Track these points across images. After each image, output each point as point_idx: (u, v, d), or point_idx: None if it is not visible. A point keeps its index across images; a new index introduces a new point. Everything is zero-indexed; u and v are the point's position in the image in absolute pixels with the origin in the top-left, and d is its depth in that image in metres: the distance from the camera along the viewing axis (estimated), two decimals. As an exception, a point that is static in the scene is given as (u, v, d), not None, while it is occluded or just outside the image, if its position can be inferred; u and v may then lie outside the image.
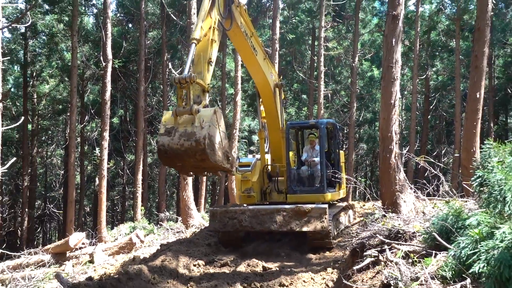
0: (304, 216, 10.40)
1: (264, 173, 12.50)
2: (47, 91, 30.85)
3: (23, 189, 28.80)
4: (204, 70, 8.43)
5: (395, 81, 10.29)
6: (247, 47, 10.65)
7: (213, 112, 7.66)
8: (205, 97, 8.27)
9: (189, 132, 7.43)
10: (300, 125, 13.53)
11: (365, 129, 36.82)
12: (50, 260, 15.55)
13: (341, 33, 31.05)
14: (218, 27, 9.03)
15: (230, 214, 11.03)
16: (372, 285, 6.37)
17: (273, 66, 12.21)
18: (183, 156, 7.56)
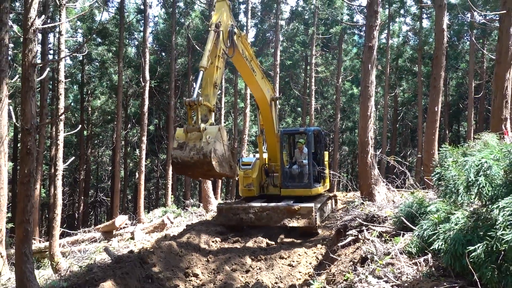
0: (295, 214, 10.07)
1: (262, 171, 12.18)
2: (99, 105, 30.97)
3: (80, 181, 28.90)
4: (210, 93, 8.06)
5: (371, 97, 10.28)
6: (248, 69, 10.15)
7: (217, 130, 7.39)
8: (211, 116, 7.96)
9: (197, 147, 7.20)
10: (292, 132, 13.12)
11: (347, 135, 36.68)
12: (100, 237, 15.56)
13: (328, 60, 31.01)
14: (222, 55, 8.63)
15: (233, 210, 10.63)
16: (353, 258, 6.32)
17: (270, 83, 11.77)
18: (192, 167, 7.33)
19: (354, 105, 32.98)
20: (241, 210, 10.54)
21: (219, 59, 8.39)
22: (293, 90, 30.48)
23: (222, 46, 8.51)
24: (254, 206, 10.49)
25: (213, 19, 8.74)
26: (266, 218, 10.25)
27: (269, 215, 10.23)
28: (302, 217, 10.02)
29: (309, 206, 10.05)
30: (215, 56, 8.29)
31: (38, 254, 14.20)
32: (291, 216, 10.08)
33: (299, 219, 10.06)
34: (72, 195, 32.93)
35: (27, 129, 8.97)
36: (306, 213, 9.98)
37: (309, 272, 8.30)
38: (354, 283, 4.72)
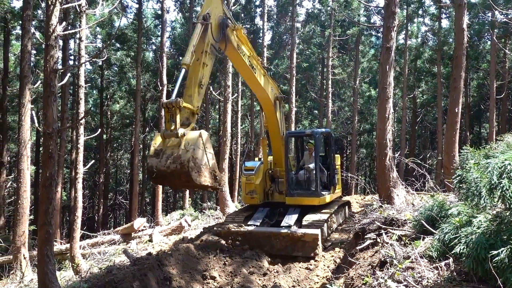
0: (298, 241, 9.01)
1: (266, 176, 11.19)
2: (117, 109, 31.50)
3: (99, 184, 29.37)
4: (194, 93, 7.27)
5: (389, 99, 10.16)
6: (245, 67, 9.13)
7: (198, 135, 6.59)
8: (194, 119, 7.18)
9: (175, 155, 6.42)
10: (298, 134, 12.10)
11: (365, 137, 36.31)
12: (119, 239, 15.77)
13: (345, 62, 30.80)
14: (211, 51, 7.70)
15: (232, 235, 9.57)
16: (372, 262, 6.25)
17: (274, 81, 10.85)
18: (169, 177, 6.57)
19: (371, 107, 32.63)
20: (240, 236, 9.46)
21: (206, 55, 7.54)
22: (309, 93, 30.37)
23: (210, 41, 7.62)
24: (254, 231, 9.49)
25: (201, 10, 7.89)
26: (268, 245, 9.27)
27: (270, 242, 9.29)
28: (307, 245, 8.98)
29: (315, 233, 8.97)
30: (201, 52, 7.47)
31: (60, 256, 14.47)
32: (295, 243, 9.08)
33: (304, 247, 9.01)
34: (92, 198, 33.48)
35: (49, 133, 9.17)
36: (311, 241, 8.93)
37: (327, 276, 8.23)
38: (373, 287, 4.66)
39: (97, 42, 28.22)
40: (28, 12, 12.78)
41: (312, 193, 10.29)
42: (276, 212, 10.55)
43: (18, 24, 21.71)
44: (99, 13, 22.78)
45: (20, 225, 13.39)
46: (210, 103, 27.06)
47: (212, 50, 7.81)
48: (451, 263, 4.48)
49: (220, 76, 28.12)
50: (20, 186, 13.52)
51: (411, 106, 31.26)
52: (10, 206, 25.70)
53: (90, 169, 24.35)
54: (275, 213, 10.56)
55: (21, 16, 17.28)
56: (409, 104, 30.36)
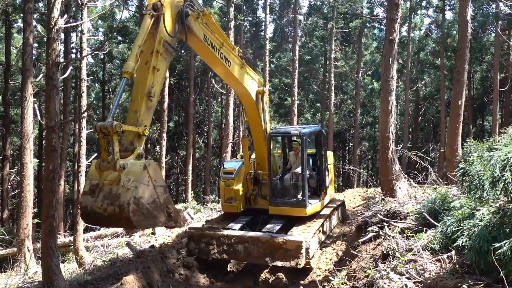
0: (279, 249, 7.68)
1: (248, 179, 9.66)
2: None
3: (102, 177, 29.44)
4: (141, 108, 5.67)
5: (392, 92, 10.13)
6: (215, 59, 7.63)
7: (142, 168, 5.19)
8: (141, 142, 5.68)
9: (113, 193, 5.06)
10: (282, 134, 10.24)
11: (367, 130, 36.23)
12: (122, 232, 15.83)
13: (348, 54, 30.65)
14: (165, 50, 6.13)
15: (206, 238, 8.29)
16: (374, 255, 6.27)
17: (255, 72, 9.23)
18: (108, 222, 5.38)
19: (374, 100, 32.53)
20: (215, 239, 8.19)
21: (158, 56, 5.95)
22: (312, 85, 30.28)
23: (163, 37, 6.01)
24: (230, 235, 8.14)
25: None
26: (244, 252, 7.90)
27: (247, 248, 7.90)
28: (289, 254, 7.63)
29: (298, 240, 7.67)
30: (151, 53, 5.89)
31: (63, 248, 14.57)
32: (275, 251, 7.73)
33: (285, 256, 7.66)
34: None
35: (52, 126, 9.20)
36: (294, 249, 7.58)
37: (329, 269, 8.26)
38: (375, 279, 4.68)
39: (99, 35, 28.19)
40: (30, 5, 12.74)
41: (298, 202, 8.84)
42: (259, 220, 9.30)
43: (19, 17, 21.67)
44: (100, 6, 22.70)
45: (24, 218, 13.48)
46: (212, 96, 27.04)
47: (167, 48, 6.17)
48: (453, 255, 4.49)
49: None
50: (24, 179, 13.59)
51: (414, 99, 31.14)
52: (14, 199, 25.85)
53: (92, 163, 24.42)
54: (258, 221, 9.30)
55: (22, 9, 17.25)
56: (412, 97, 30.26)
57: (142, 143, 5.73)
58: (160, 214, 5.38)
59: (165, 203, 5.45)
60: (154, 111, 6.48)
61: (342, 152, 38.12)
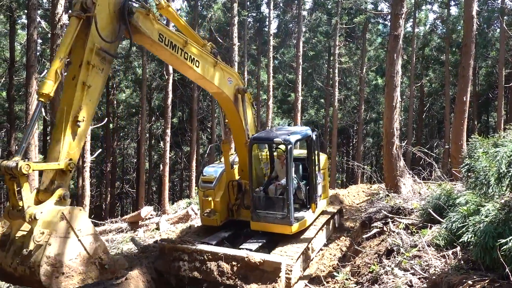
0: (255, 270, 6.64)
1: (230, 188, 8.60)
2: (124, 98, 31.55)
3: (106, 173, 29.60)
4: (65, 137, 4.59)
5: (396, 87, 10.08)
6: (178, 61, 6.42)
7: (59, 218, 4.19)
8: (65, 181, 4.64)
9: (24, 252, 4.07)
10: (264, 141, 8.74)
11: (371, 126, 36.12)
12: (126, 227, 15.91)
13: (352, 50, 30.53)
14: (100, 60, 4.91)
15: (177, 252, 7.21)
16: (379, 250, 6.26)
17: (232, 69, 8.15)
18: (20, 283, 4.46)
19: (378, 95, 32.41)
20: (187, 254, 7.13)
21: (88, 68, 4.76)
22: (316, 81, 30.20)
23: (96, 43, 4.82)
24: (203, 250, 7.06)
25: None
26: (216, 271, 6.84)
27: (220, 267, 6.86)
28: (266, 276, 6.59)
29: (277, 262, 6.63)
30: (79, 65, 4.73)
31: (68, 244, 14.66)
32: (250, 272, 6.68)
33: (262, 278, 6.59)
34: (99, 187, 33.77)
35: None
36: (272, 271, 6.55)
37: (333, 264, 8.27)
38: (379, 275, 4.68)
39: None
40: (34, 1, 12.76)
41: (283, 219, 7.79)
42: (241, 234, 8.41)
43: (23, 13, 21.71)
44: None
45: (29, 213, 13.56)
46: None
47: (103, 57, 4.98)
48: (458, 251, 4.49)
49: (226, 65, 27.99)
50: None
51: (419, 94, 31.02)
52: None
53: (97, 158, 24.53)
54: (241, 236, 8.39)
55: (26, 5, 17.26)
56: (416, 92, 30.13)
57: (68, 182, 4.68)
58: (89, 268, 4.43)
59: (96, 254, 4.49)
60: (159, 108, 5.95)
61: (346, 148, 38.07)
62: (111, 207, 29.81)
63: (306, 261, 7.99)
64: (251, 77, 30.24)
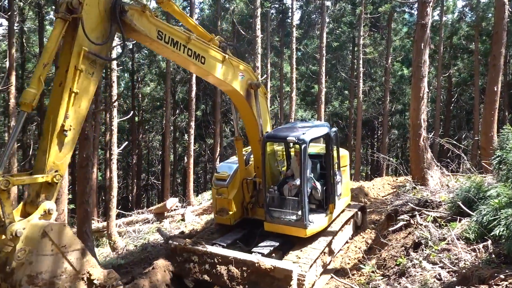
0: (266, 276, 6.39)
1: (245, 186, 8.27)
2: (148, 91, 32.03)
3: (132, 165, 30.22)
4: (52, 148, 4.35)
5: (423, 78, 9.89)
6: (181, 58, 5.96)
7: (40, 236, 3.99)
8: (51, 194, 4.39)
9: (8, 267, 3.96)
10: (278, 139, 8.16)
11: (396, 118, 35.45)
12: (152, 218, 16.25)
13: (377, 40, 29.93)
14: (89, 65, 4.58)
15: (188, 254, 7.07)
16: (405, 243, 6.18)
17: (243, 63, 7.52)
18: None
19: (404, 86, 31.74)
20: (197, 256, 6.98)
21: (75, 74, 4.43)
22: (340, 73, 29.80)
23: (84, 47, 4.47)
24: (213, 253, 6.87)
25: None
26: (226, 275, 6.66)
27: (230, 271, 6.66)
28: (276, 284, 6.32)
29: (288, 269, 6.27)
30: (66, 70, 4.42)
31: (97, 233, 15.10)
32: (261, 278, 6.42)
33: (272, 286, 6.35)
34: (126, 179, 34.50)
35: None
36: (283, 279, 6.24)
37: (358, 257, 8.22)
38: (407, 268, 4.62)
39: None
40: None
41: (297, 221, 7.36)
42: (256, 233, 7.99)
43: (51, 10, 22.24)
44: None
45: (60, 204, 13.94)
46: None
47: (94, 60, 4.63)
48: (489, 245, 4.38)
49: (249, 58, 27.99)
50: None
51: (446, 85, 30.21)
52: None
53: (123, 151, 25.04)
54: (255, 235, 7.98)
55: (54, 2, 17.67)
56: (444, 83, 29.34)
57: (54, 194, 4.41)
58: (77, 284, 4.28)
59: (84, 270, 4.32)
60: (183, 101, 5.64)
61: (370, 140, 37.54)
62: (137, 199, 30.45)
63: (323, 265, 7.55)
64: (274, 69, 30.13)
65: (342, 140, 33.90)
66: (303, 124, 8.48)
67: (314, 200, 7.86)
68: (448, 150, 12.11)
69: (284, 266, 6.32)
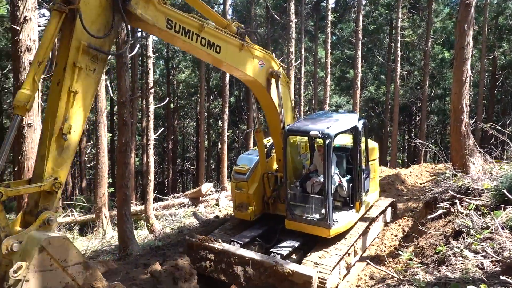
0: (284, 281, 6.07)
1: (265, 180, 7.82)
2: (183, 78, 32.46)
3: (168, 151, 30.90)
4: (51, 153, 4.01)
5: (467, 60, 9.49)
6: (193, 48, 5.55)
7: (37, 251, 3.68)
8: (51, 203, 4.09)
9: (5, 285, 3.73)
10: (300, 133, 7.55)
11: (436, 103, 34.20)
12: (188, 202, 16.61)
13: (416, 22, 28.81)
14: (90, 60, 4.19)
15: (205, 251, 6.84)
16: (445, 232, 6.01)
17: (264, 50, 6.95)
18: None
19: (445, 70, 30.48)
20: (213, 254, 6.76)
21: (74, 71, 4.05)
22: (376, 57, 29.00)
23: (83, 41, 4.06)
24: (230, 252, 6.61)
25: None
26: (243, 277, 6.40)
27: (247, 272, 6.38)
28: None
29: (307, 275, 5.96)
30: (63, 67, 4.05)
31: (135, 216, 15.64)
32: (279, 282, 6.13)
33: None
34: (162, 164, 35.35)
35: (123, 102, 9.73)
36: (302, 284, 5.94)
37: (394, 245, 8.08)
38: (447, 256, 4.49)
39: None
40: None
41: (320, 220, 6.91)
42: (277, 229, 7.61)
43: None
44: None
45: (100, 187, 14.59)
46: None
47: (94, 56, 4.23)
48: (537, 235, 4.18)
49: (283, 42, 27.70)
50: (99, 151, 14.62)
51: (490, 68, 28.76)
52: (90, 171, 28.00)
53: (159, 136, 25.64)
54: (276, 232, 7.62)
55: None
56: (488, 66, 27.94)
57: (55, 203, 4.11)
58: None
59: (88, 284, 4.11)
60: (217, 87, 5.22)
61: (408, 126, 36.51)
62: (173, 183, 31.19)
63: (347, 267, 7.13)
64: (308, 54, 29.69)
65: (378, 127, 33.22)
66: (331, 115, 7.93)
67: (339, 198, 7.45)
68: (492, 136, 11.58)
69: (303, 271, 5.98)
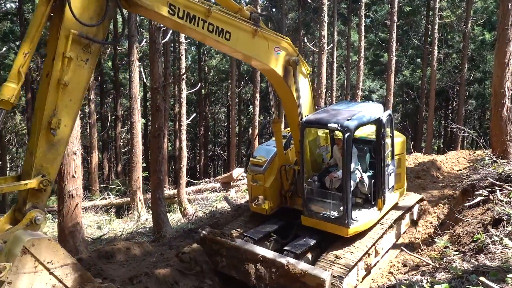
0: (296, 282, 5.80)
1: (283, 173, 7.40)
2: (214, 64, 32.62)
3: (200, 136, 31.33)
4: (40, 148, 3.84)
5: (510, 42, 9.02)
6: (200, 35, 5.14)
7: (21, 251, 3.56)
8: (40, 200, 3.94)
9: None
10: (317, 125, 7.04)
11: (475, 87, 32.81)
12: (219, 187, 16.85)
13: (455, 3, 27.55)
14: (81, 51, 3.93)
15: (217, 246, 6.61)
16: (483, 220, 5.82)
17: (280, 36, 6.39)
18: None
19: (485, 53, 29.13)
20: (225, 249, 6.52)
21: (63, 62, 3.81)
22: (412, 40, 28.02)
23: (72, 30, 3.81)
24: (241, 248, 6.35)
25: None
26: (254, 275, 6.14)
27: (258, 271, 6.12)
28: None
29: (320, 277, 5.62)
30: (52, 59, 3.84)
31: (168, 200, 16.04)
32: (291, 283, 5.86)
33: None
34: (194, 149, 35.92)
35: (156, 87, 9.91)
36: (314, 286, 5.66)
37: (429, 232, 7.91)
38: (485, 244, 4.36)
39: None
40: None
41: (339, 218, 6.45)
42: (294, 224, 7.22)
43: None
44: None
45: (135, 172, 15.03)
46: (304, 55, 26.53)
47: (86, 45, 3.96)
48: None
49: (314, 26, 27.23)
50: (133, 136, 15.02)
51: (535, 50, 27.21)
52: (125, 155, 28.84)
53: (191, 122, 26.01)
54: (293, 227, 7.25)
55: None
56: (532, 48, 26.44)
57: (44, 200, 3.96)
58: None
59: (77, 285, 3.95)
60: (247, 73, 4.83)
61: (444, 111, 35.30)
62: (205, 168, 31.67)
63: (366, 268, 6.64)
64: (340, 37, 29.07)
65: (412, 112, 32.28)
66: (352, 106, 7.36)
67: (360, 194, 7.01)
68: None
69: (316, 273, 5.65)
